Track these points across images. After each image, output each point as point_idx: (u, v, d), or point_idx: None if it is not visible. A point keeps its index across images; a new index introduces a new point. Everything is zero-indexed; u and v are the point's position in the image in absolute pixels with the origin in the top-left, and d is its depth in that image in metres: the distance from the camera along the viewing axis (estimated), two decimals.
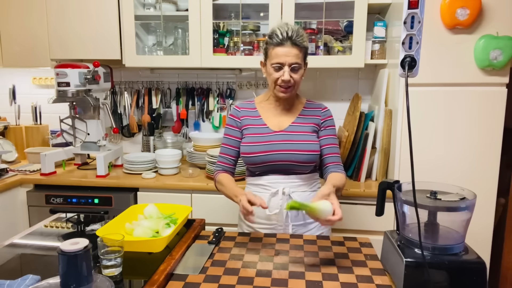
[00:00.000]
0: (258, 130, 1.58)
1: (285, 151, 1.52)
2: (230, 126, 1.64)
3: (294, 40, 1.46)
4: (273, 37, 1.47)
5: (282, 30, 1.46)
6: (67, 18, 2.39)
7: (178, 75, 2.74)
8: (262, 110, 1.62)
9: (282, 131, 1.56)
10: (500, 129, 1.91)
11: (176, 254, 1.23)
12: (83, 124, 2.36)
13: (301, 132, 1.56)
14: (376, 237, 1.65)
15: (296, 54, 1.46)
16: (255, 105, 1.64)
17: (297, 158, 1.52)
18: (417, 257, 1.19)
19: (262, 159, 1.53)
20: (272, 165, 1.54)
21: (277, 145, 1.53)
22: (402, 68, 1.15)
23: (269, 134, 1.56)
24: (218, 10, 2.39)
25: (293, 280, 1.12)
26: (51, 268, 1.15)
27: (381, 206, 1.43)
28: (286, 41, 1.45)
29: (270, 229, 1.55)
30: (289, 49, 1.46)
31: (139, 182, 2.20)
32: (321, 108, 1.63)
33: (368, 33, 2.21)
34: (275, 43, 1.47)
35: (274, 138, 1.55)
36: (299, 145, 1.53)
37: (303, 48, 1.48)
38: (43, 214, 2.09)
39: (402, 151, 1.98)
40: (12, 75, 2.86)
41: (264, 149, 1.53)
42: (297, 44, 1.46)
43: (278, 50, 1.47)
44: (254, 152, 1.53)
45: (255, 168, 1.57)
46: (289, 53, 1.45)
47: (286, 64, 1.46)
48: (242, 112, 1.63)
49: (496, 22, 1.83)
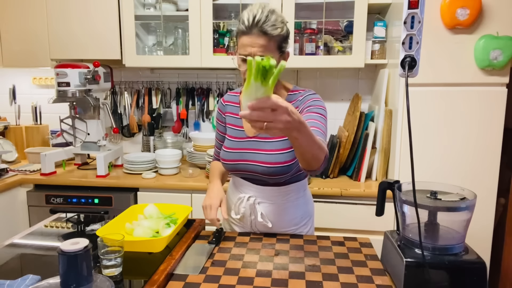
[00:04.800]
0: (236, 133, 1.46)
1: (251, 161, 1.37)
2: (217, 119, 1.58)
3: (262, 27, 1.22)
4: (240, 22, 1.26)
5: (250, 14, 1.23)
6: (67, 18, 2.39)
7: (178, 75, 2.74)
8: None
9: (256, 137, 1.40)
10: (500, 129, 1.91)
11: (176, 254, 1.23)
12: (83, 124, 2.36)
13: (274, 138, 1.36)
14: (376, 237, 1.65)
15: (264, 45, 1.23)
16: (239, 98, 1.50)
17: (262, 170, 1.35)
18: (417, 257, 1.19)
19: (234, 167, 1.42)
20: (244, 174, 1.43)
21: (246, 154, 1.39)
22: (402, 68, 1.14)
23: (242, 139, 1.43)
24: (218, 10, 2.39)
25: (293, 280, 1.12)
26: (51, 268, 1.15)
27: (381, 206, 1.42)
28: (252, 28, 1.23)
29: (240, 226, 1.53)
30: (255, 38, 1.23)
31: (139, 182, 2.20)
32: (301, 94, 1.39)
33: (368, 33, 2.21)
34: (241, 31, 1.26)
35: (246, 146, 1.41)
36: (265, 156, 1.36)
37: (276, 37, 1.25)
38: (43, 214, 2.09)
39: (402, 151, 1.98)
40: (12, 75, 2.86)
41: (235, 157, 1.41)
42: (266, 32, 1.23)
43: (243, 39, 1.25)
44: (227, 159, 1.44)
45: (230, 172, 1.52)
46: (255, 43, 1.23)
47: (252, 56, 1.20)
48: (227, 107, 1.52)
49: (496, 22, 1.83)
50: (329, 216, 2.07)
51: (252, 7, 1.27)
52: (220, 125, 1.56)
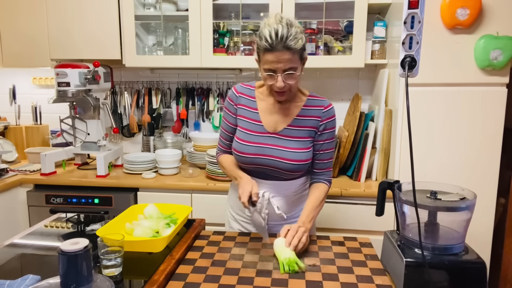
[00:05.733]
0: (253, 127, 1.48)
1: (274, 157, 1.43)
2: (226, 109, 1.55)
3: (286, 43, 1.27)
4: (262, 39, 1.30)
5: (271, 31, 1.27)
6: (67, 18, 2.39)
7: (178, 75, 2.74)
8: (261, 104, 1.50)
9: (276, 133, 1.46)
10: (500, 129, 1.91)
11: (176, 254, 1.23)
12: (83, 124, 2.36)
13: (295, 137, 1.45)
14: (376, 237, 1.65)
15: (289, 59, 1.29)
16: (255, 93, 1.52)
17: (285, 166, 1.43)
18: (417, 257, 1.20)
19: (252, 161, 1.46)
20: (260, 168, 1.47)
21: (267, 149, 1.44)
22: (402, 68, 1.15)
23: (262, 134, 1.46)
24: (218, 10, 2.39)
25: (293, 280, 1.12)
26: (51, 268, 1.15)
27: (381, 206, 1.43)
28: (276, 46, 1.27)
29: (250, 222, 1.54)
30: (279, 54, 1.28)
31: (139, 182, 2.20)
32: (323, 106, 1.49)
33: (368, 33, 2.21)
34: (264, 48, 1.30)
35: (267, 141, 1.45)
36: (289, 153, 1.43)
37: (299, 49, 1.31)
38: (43, 214, 2.09)
39: (402, 151, 1.98)
40: (12, 75, 2.86)
41: (255, 151, 1.45)
42: (290, 47, 1.28)
43: (268, 56, 1.30)
44: (245, 152, 1.46)
45: (242, 165, 1.51)
46: (281, 59, 1.28)
47: (279, 71, 1.31)
48: (240, 98, 1.52)
49: (496, 22, 1.83)
50: (329, 216, 2.06)
51: (270, 21, 1.30)
52: (230, 115, 1.54)
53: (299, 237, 1.27)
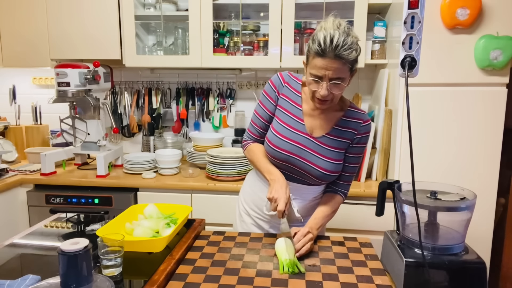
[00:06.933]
0: (294, 123, 1.41)
1: (309, 162, 1.38)
2: (267, 94, 1.45)
3: (339, 52, 1.19)
4: (315, 42, 1.22)
5: (327, 36, 1.19)
6: (67, 18, 2.39)
7: (178, 75, 2.74)
8: (306, 103, 1.42)
9: (315, 138, 1.40)
10: (500, 129, 1.91)
11: (176, 254, 1.23)
12: (83, 124, 2.36)
13: (331, 147, 1.39)
14: (376, 237, 1.65)
15: (339, 68, 1.22)
16: (301, 89, 1.44)
17: (316, 173, 1.38)
18: (417, 257, 1.20)
19: (285, 159, 1.40)
20: (290, 167, 1.41)
21: (304, 152, 1.39)
22: (402, 68, 1.15)
23: (302, 134, 1.40)
24: (218, 10, 2.39)
25: (293, 280, 1.12)
26: (51, 268, 1.15)
27: (381, 206, 1.43)
28: (329, 52, 1.20)
29: (267, 222, 1.53)
30: (330, 61, 1.21)
31: (139, 182, 2.20)
32: (362, 120, 1.42)
33: (368, 33, 2.22)
34: (315, 52, 1.23)
35: (305, 143, 1.39)
36: (324, 162, 1.38)
37: (350, 61, 1.23)
38: (43, 214, 2.09)
39: (402, 151, 1.98)
40: (12, 75, 2.86)
41: (291, 149, 1.38)
42: (342, 57, 1.20)
43: (317, 61, 1.23)
44: (281, 148, 1.39)
45: (272, 159, 1.44)
46: (330, 67, 1.22)
47: (325, 79, 1.24)
48: (285, 89, 1.44)
49: (496, 22, 1.83)
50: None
51: (327, 25, 1.24)
52: (270, 102, 1.45)
53: (304, 243, 1.27)
